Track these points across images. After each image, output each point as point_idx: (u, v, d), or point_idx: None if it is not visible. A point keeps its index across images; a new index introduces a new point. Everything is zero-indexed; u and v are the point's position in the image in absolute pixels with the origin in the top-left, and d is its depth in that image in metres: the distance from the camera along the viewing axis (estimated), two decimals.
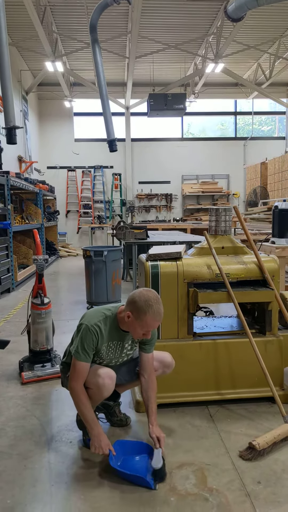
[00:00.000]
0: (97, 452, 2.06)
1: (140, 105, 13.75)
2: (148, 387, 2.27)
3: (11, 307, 5.75)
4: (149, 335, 2.13)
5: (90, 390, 2.16)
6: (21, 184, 7.89)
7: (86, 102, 14.22)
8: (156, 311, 2.05)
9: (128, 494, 1.92)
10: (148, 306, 2.03)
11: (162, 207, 14.77)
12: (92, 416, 2.11)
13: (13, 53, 10.64)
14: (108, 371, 2.16)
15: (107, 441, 2.07)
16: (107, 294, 5.29)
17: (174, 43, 10.75)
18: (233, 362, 2.73)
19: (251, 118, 15.18)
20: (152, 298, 2.06)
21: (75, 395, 2.10)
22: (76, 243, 14.37)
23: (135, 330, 2.12)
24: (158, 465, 2.02)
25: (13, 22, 9.16)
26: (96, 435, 2.07)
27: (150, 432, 2.16)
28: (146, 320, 2.05)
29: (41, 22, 8.53)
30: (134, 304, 2.06)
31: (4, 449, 2.28)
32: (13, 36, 10.06)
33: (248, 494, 1.91)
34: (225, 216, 2.89)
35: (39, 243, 3.52)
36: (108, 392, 2.15)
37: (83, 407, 2.09)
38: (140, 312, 2.04)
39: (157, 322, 2.09)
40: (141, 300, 2.05)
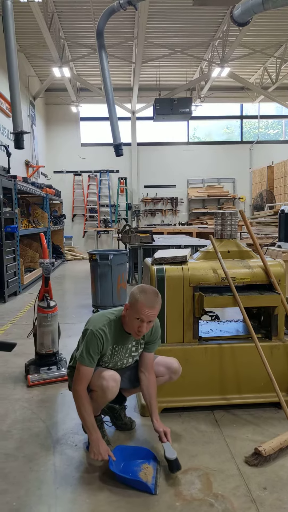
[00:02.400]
0: (96, 458, 2.05)
1: (146, 110, 13.82)
2: (149, 384, 2.29)
3: (17, 310, 5.78)
4: (143, 327, 2.09)
5: (95, 392, 2.17)
6: (28, 188, 7.95)
7: (93, 107, 14.32)
8: (148, 298, 2.07)
9: (133, 499, 1.92)
10: (141, 293, 2.08)
11: (167, 211, 14.79)
12: (92, 421, 2.11)
13: (21, 59, 10.77)
14: (112, 373, 2.17)
15: (105, 447, 2.07)
16: (113, 298, 5.29)
17: (180, 48, 10.81)
18: (239, 366, 2.72)
19: (257, 122, 15.18)
20: (148, 289, 2.11)
21: (77, 398, 2.11)
22: (82, 247, 14.43)
23: (131, 322, 2.12)
24: (173, 456, 2.06)
25: (21, 28, 9.28)
26: (94, 441, 2.07)
27: (155, 427, 2.19)
28: (138, 306, 2.06)
29: (49, 28, 8.63)
30: (131, 295, 2.13)
31: (10, 451, 2.30)
32: (21, 42, 10.19)
33: (253, 500, 1.90)
34: (231, 220, 2.89)
35: (45, 247, 3.54)
36: (113, 394, 2.16)
37: (84, 412, 2.09)
38: (133, 299, 2.09)
39: (149, 310, 2.06)
40: (137, 290, 2.12)
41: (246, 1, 6.44)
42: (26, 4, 7.74)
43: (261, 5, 6.11)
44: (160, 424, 2.20)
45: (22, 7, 8.21)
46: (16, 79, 4.56)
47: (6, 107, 9.12)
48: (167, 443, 2.13)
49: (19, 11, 8.34)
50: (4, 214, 6.26)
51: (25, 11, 8.38)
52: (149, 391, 2.28)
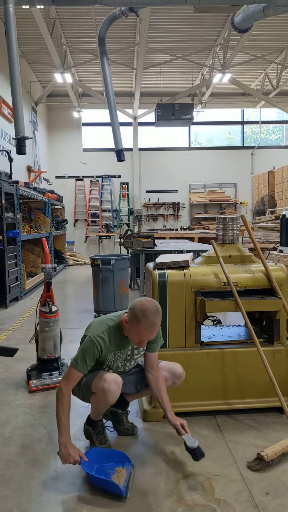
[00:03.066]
0: (67, 462, 2.00)
1: (148, 115, 13.89)
2: (157, 380, 2.30)
3: (19, 315, 5.78)
4: (143, 344, 2.14)
5: (96, 395, 2.17)
6: (30, 193, 7.98)
7: (94, 113, 14.41)
8: (150, 321, 2.04)
9: (136, 505, 1.91)
10: (143, 316, 2.03)
11: (169, 216, 14.81)
12: (65, 423, 2.07)
13: (23, 65, 10.87)
14: (114, 376, 2.16)
15: (75, 448, 2.04)
16: (115, 303, 5.29)
17: (181, 54, 10.89)
18: (241, 371, 2.72)
19: (258, 127, 15.23)
20: (149, 308, 2.05)
21: (59, 396, 2.09)
22: (84, 252, 14.45)
23: (131, 336, 2.15)
24: (195, 444, 2.11)
25: (23, 34, 9.37)
26: (62, 444, 2.02)
27: (171, 421, 2.21)
28: (139, 328, 2.06)
29: (51, 35, 8.71)
30: (131, 311, 2.09)
31: (11, 458, 2.29)
32: (23, 48, 10.28)
33: (256, 506, 1.89)
34: (232, 225, 2.90)
35: (47, 252, 3.55)
36: (114, 398, 2.15)
37: (60, 411, 2.07)
38: (134, 319, 2.06)
39: (150, 332, 2.08)
40: (138, 309, 2.06)
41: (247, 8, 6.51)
42: (28, 11, 7.83)
43: (262, 12, 6.17)
44: (176, 418, 2.21)
45: (24, 14, 8.30)
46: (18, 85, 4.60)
47: (8, 113, 9.19)
48: (186, 435, 2.16)
49: (21, 18, 8.43)
50: (6, 219, 6.29)
51: (27, 18, 8.46)
52: (158, 387, 2.29)
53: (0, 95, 8.84)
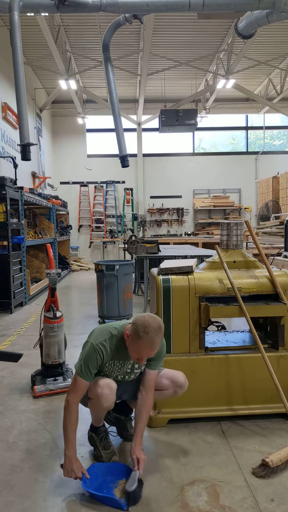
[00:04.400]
0: (69, 476, 2.01)
1: (152, 121, 13.96)
2: (143, 404, 2.22)
3: (23, 321, 5.80)
4: (142, 361, 2.10)
5: (92, 400, 2.17)
6: (34, 199, 8.03)
7: (99, 119, 14.50)
8: (150, 339, 1.99)
9: (140, 511, 1.90)
10: (144, 332, 1.99)
11: (173, 221, 14.83)
12: (72, 437, 2.07)
13: (28, 72, 10.99)
14: (108, 382, 2.15)
15: (79, 464, 2.04)
16: (119, 308, 5.29)
17: (185, 60, 10.96)
18: (246, 377, 2.71)
19: (262, 133, 15.25)
20: (151, 326, 2.00)
21: (66, 410, 2.09)
22: (88, 257, 14.48)
23: (131, 351, 2.11)
24: (131, 487, 1.96)
25: (28, 41, 9.48)
26: (68, 457, 2.03)
27: (131, 452, 2.12)
28: (139, 345, 2.02)
29: (55, 42, 8.80)
30: (133, 326, 2.05)
31: (16, 463, 2.29)
32: (27, 55, 10.39)
33: None
34: (236, 230, 2.90)
35: (52, 258, 3.57)
36: (108, 402, 2.13)
37: (67, 424, 2.07)
38: (135, 335, 2.02)
39: (149, 350, 2.03)
40: (140, 325, 2.01)
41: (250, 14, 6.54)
42: (33, 18, 7.92)
43: (265, 18, 6.20)
44: (136, 450, 2.10)
45: (29, 21, 8.39)
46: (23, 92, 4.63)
47: (13, 119, 9.28)
48: (135, 472, 2.02)
49: (26, 25, 8.53)
50: (11, 225, 6.33)
51: (32, 25, 8.57)
52: (140, 412, 2.21)
53: (5, 101, 8.93)
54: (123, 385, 2.30)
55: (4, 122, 8.91)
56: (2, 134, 8.72)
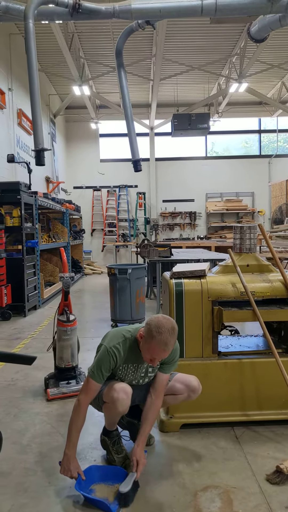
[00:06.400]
0: (65, 474, 2.03)
1: (164, 125, 14.01)
2: (150, 408, 2.22)
3: (37, 324, 5.85)
4: (155, 363, 2.09)
5: (107, 404, 2.17)
6: (48, 203, 8.12)
7: (112, 124, 14.61)
8: (163, 339, 1.99)
9: None
10: (157, 333, 1.99)
11: (186, 225, 14.80)
12: (75, 437, 2.09)
13: (42, 78, 11.16)
14: (124, 386, 2.15)
15: (76, 465, 2.05)
16: (131, 312, 5.30)
17: (197, 65, 10.98)
18: (259, 382, 2.68)
19: (275, 136, 15.14)
20: (165, 326, 2.00)
21: (75, 409, 2.11)
22: (101, 261, 14.55)
23: (143, 353, 2.11)
24: (124, 489, 1.94)
25: (42, 48, 9.64)
26: (67, 456, 2.05)
27: (132, 453, 2.11)
28: (151, 345, 2.02)
29: (69, 48, 8.92)
30: (147, 327, 2.05)
31: (29, 466, 2.31)
32: (42, 62, 10.56)
33: None
34: (249, 234, 2.88)
35: (65, 261, 3.60)
36: (123, 406, 2.13)
37: (74, 424, 2.09)
38: (149, 335, 2.02)
39: (162, 351, 2.02)
40: (154, 325, 2.02)
41: (263, 18, 6.52)
42: (47, 26, 8.05)
43: (278, 22, 6.17)
44: (137, 452, 2.10)
45: (43, 28, 8.54)
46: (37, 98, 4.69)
47: (28, 125, 9.42)
48: (132, 474, 2.02)
49: (41, 32, 8.67)
50: (25, 229, 6.41)
51: (46, 32, 8.70)
52: (147, 415, 2.20)
53: (20, 108, 9.08)
54: (137, 389, 2.30)
55: (19, 128, 9.05)
56: (17, 140, 8.86)
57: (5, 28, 8.48)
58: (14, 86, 8.78)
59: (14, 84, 8.74)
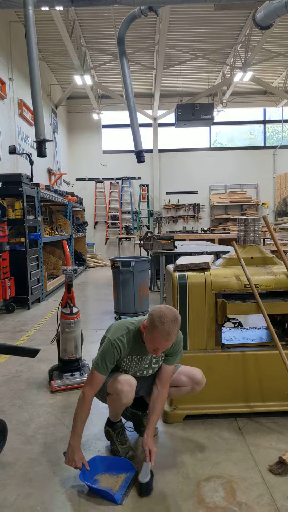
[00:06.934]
0: (69, 465, 2.07)
1: (168, 116, 13.88)
2: (158, 398, 2.24)
3: (41, 316, 5.88)
4: (158, 353, 2.09)
5: (111, 396, 2.19)
6: (50, 196, 8.10)
7: (114, 114, 14.50)
8: (166, 329, 1.99)
9: (156, 506, 1.91)
10: (160, 322, 2.00)
11: (189, 218, 14.75)
12: (80, 428, 2.12)
13: (43, 68, 11.04)
14: (128, 378, 2.17)
15: (81, 455, 2.08)
16: (135, 305, 5.31)
17: (201, 53, 10.83)
18: (263, 374, 2.68)
19: (280, 126, 14.98)
20: (167, 316, 2.01)
21: (80, 401, 2.13)
22: (104, 254, 14.56)
23: (147, 343, 2.11)
24: (144, 479, 1.99)
25: (42, 37, 9.52)
26: (72, 447, 2.08)
27: (143, 443, 2.14)
28: (154, 335, 2.02)
29: (70, 37, 8.80)
30: (150, 317, 2.07)
31: (34, 456, 2.33)
32: (43, 50, 10.44)
33: (278, 510, 1.86)
34: (254, 226, 2.86)
35: (68, 254, 3.60)
36: (128, 398, 2.15)
37: (78, 415, 2.11)
38: (151, 325, 2.03)
39: (165, 341, 2.03)
40: (156, 315, 2.03)
41: (268, 4, 6.41)
42: (48, 13, 7.93)
43: (284, 8, 6.07)
44: (148, 442, 2.13)
45: (43, 16, 8.42)
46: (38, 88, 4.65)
47: (29, 116, 9.36)
48: (147, 463, 2.05)
49: (41, 20, 8.56)
50: (28, 222, 6.40)
51: (46, 20, 8.59)
52: (154, 405, 2.23)
53: (21, 98, 9.01)
54: (141, 381, 2.31)
55: (20, 119, 9.00)
56: (18, 131, 8.82)
57: (5, 15, 8.37)
58: (15, 76, 8.70)
59: (14, 73, 8.67)
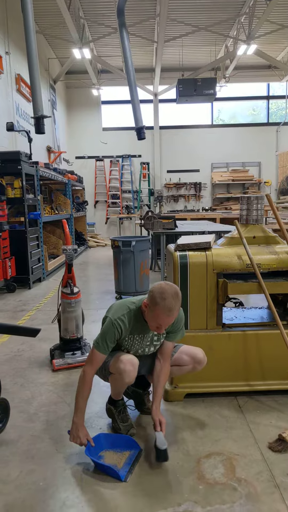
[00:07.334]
0: (74, 441, 2.09)
1: (169, 92, 13.56)
2: (161, 371, 2.28)
3: (42, 296, 5.89)
4: (161, 330, 2.10)
5: (113, 375, 2.21)
6: (50, 174, 7.99)
7: (114, 90, 14.16)
8: (167, 305, 1.99)
9: (157, 482, 1.94)
10: (161, 299, 2.00)
11: (190, 197, 14.61)
12: (82, 405, 2.13)
13: (41, 41, 10.70)
14: (130, 358, 2.18)
15: (85, 432, 2.10)
16: (136, 284, 5.30)
17: (204, 25, 10.47)
18: (263, 353, 2.69)
19: (284, 102, 14.63)
20: (168, 292, 2.01)
21: (81, 379, 2.14)
22: (105, 233, 14.50)
23: (149, 321, 2.12)
24: (163, 446, 2.05)
25: (40, 8, 9.19)
26: (76, 424, 2.10)
27: (152, 414, 2.17)
28: (156, 312, 2.02)
29: (68, 8, 8.49)
30: (150, 294, 2.07)
31: (37, 433, 2.36)
32: (40, 23, 10.11)
33: (277, 486, 1.89)
34: (257, 205, 2.81)
35: (68, 233, 3.56)
36: (130, 378, 2.17)
37: (80, 393, 2.13)
38: (152, 302, 2.03)
39: (167, 317, 2.03)
40: (157, 291, 2.03)
41: None
42: None
43: None
44: (158, 413, 2.17)
45: None
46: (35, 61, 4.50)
47: (27, 91, 9.13)
48: (160, 433, 2.11)
49: None
50: (27, 201, 6.33)
51: None
52: (159, 378, 2.27)
53: (18, 73, 8.76)
54: (142, 359, 2.32)
55: (18, 94, 8.78)
56: (16, 107, 8.62)
57: None
58: (12, 50, 8.43)
59: (11, 47, 8.40)
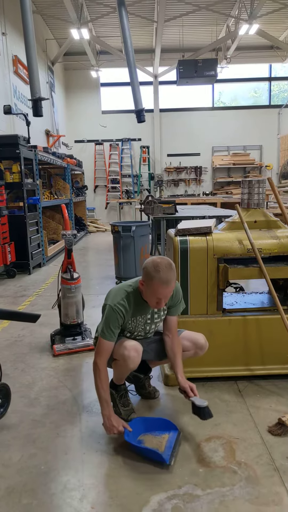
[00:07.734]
0: (111, 432, 2.07)
1: (169, 73, 13.30)
2: (173, 344, 2.29)
3: (42, 282, 5.88)
4: (162, 303, 2.09)
5: (117, 361, 2.20)
6: (49, 158, 7.89)
7: (113, 72, 13.87)
8: (163, 277, 1.99)
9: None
10: (155, 271, 2.00)
11: (191, 181, 14.47)
12: (106, 396, 2.12)
13: (38, 21, 10.42)
14: (134, 344, 2.17)
15: (118, 419, 2.09)
16: (136, 269, 5.29)
17: (205, 4, 10.19)
18: (264, 338, 2.69)
19: (287, 84, 14.36)
20: (161, 264, 2.01)
21: (96, 372, 2.12)
22: (105, 219, 14.42)
23: (148, 299, 2.11)
24: (204, 403, 2.10)
25: None
26: (106, 415, 2.08)
27: (180, 383, 2.19)
28: (153, 286, 2.02)
29: None
30: (144, 270, 2.06)
31: (38, 418, 2.38)
32: (37, 2, 9.83)
33: (277, 469, 1.91)
34: (258, 189, 2.77)
35: (67, 218, 3.53)
36: (134, 364, 2.17)
37: (99, 386, 2.11)
38: (148, 278, 2.03)
39: (165, 288, 2.02)
40: (150, 266, 2.03)
41: None
42: None
43: None
44: (185, 381, 2.19)
45: None
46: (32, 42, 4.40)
47: (24, 73, 8.93)
48: (195, 397, 2.14)
49: None
50: (26, 186, 6.27)
51: None
52: (173, 351, 2.28)
53: (16, 54, 8.56)
54: (144, 345, 2.32)
55: (16, 76, 8.60)
56: (13, 89, 8.46)
57: None
58: (8, 30, 8.22)
59: (8, 27, 8.18)
